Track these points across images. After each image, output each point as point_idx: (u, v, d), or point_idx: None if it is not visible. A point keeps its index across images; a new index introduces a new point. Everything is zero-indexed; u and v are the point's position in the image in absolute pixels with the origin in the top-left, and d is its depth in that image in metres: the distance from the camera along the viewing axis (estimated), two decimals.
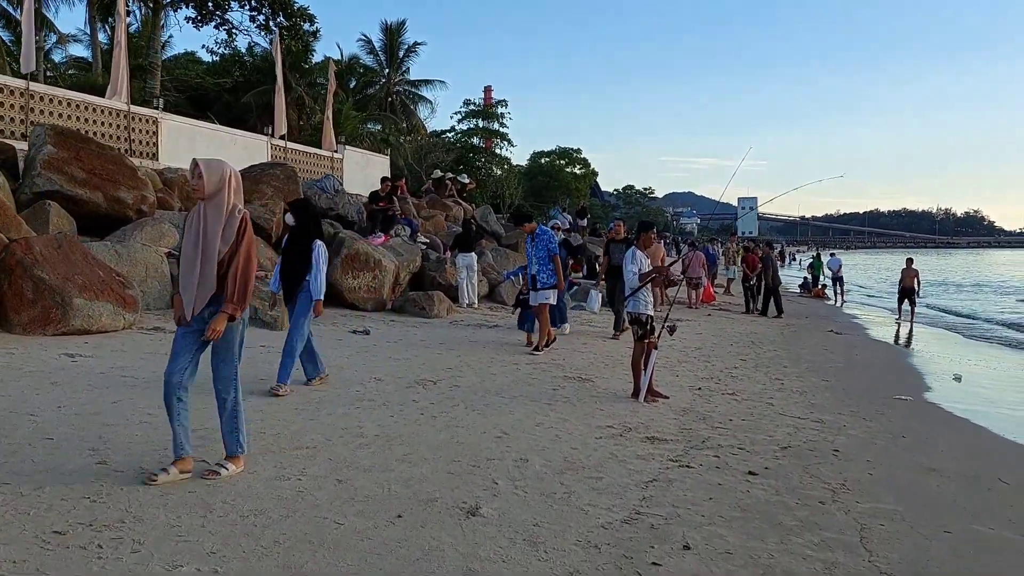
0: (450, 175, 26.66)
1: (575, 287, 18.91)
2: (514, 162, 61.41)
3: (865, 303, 28.95)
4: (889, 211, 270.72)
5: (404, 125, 46.29)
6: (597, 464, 5.67)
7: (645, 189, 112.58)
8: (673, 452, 6.16)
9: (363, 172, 26.34)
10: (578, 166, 68.69)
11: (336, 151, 24.76)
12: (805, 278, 31.15)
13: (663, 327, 8.15)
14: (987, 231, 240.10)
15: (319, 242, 7.25)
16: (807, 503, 5.23)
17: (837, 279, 27.35)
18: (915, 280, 21.28)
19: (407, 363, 8.96)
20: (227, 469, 4.81)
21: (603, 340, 12.08)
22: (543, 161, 67.78)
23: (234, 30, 29.01)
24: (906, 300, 21.27)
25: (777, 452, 6.45)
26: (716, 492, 5.27)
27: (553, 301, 10.65)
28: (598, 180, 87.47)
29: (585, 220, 33.14)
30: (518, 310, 11.89)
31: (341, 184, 17.29)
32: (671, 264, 11.52)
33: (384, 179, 17.12)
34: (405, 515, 4.39)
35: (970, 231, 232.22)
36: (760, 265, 20.12)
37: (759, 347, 13.28)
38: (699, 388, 8.97)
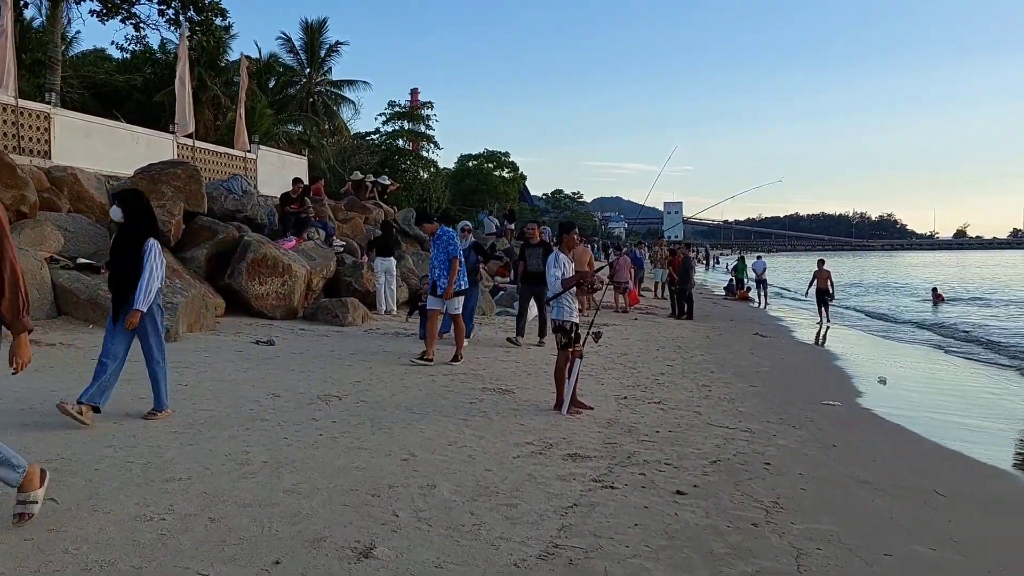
0: (371, 177, 25.84)
1: (501, 292, 18.43)
2: (441, 165, 60.83)
3: (789, 305, 29.28)
4: (808, 215, 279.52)
5: (327, 126, 45.15)
6: (513, 488, 5.13)
7: (574, 193, 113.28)
8: (596, 471, 5.67)
9: (279, 173, 25.29)
10: (506, 170, 68.49)
11: (249, 151, 23.67)
12: (730, 280, 31.39)
13: (588, 334, 7.68)
14: (900, 234, 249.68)
15: (153, 241, 6.12)
16: (739, 526, 4.79)
17: (761, 281, 27.56)
18: (828, 281, 21.38)
19: (311, 376, 8.27)
20: None
21: (527, 348, 11.57)
22: (471, 164, 67.31)
23: (142, 24, 27.57)
24: (821, 302, 21.32)
25: (706, 467, 6.03)
26: (642, 517, 4.79)
27: (458, 310, 10.08)
28: (527, 184, 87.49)
29: (513, 224, 32.71)
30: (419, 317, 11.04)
31: (250, 185, 16.39)
32: (599, 269, 11.05)
33: (296, 180, 16.28)
34: (284, 560, 3.77)
35: (884, 234, 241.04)
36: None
37: (685, 352, 12.98)
38: (625, 397, 8.53)
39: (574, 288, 7.45)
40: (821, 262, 21.98)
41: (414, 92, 68.56)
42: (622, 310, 19.48)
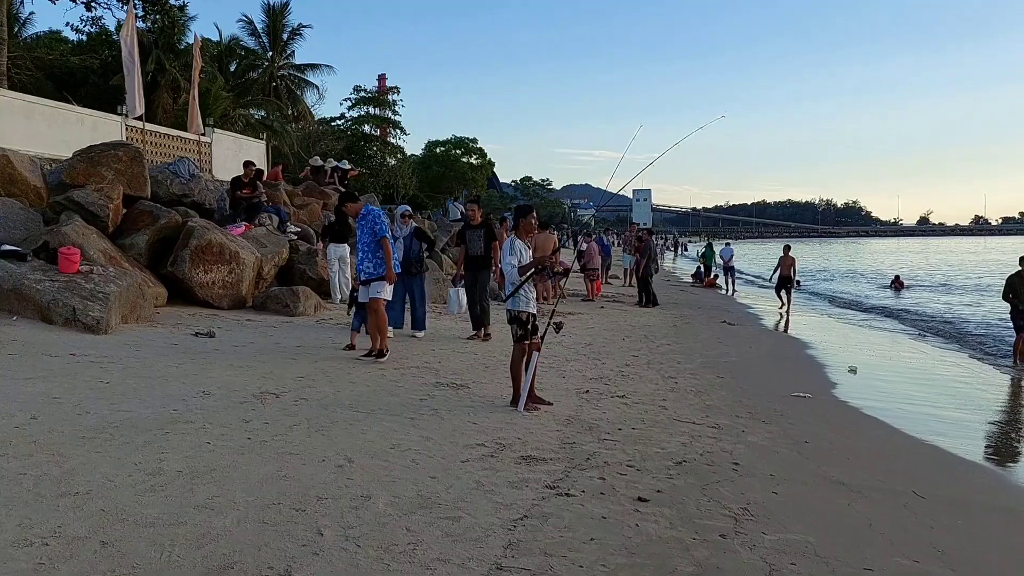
0: (331, 161, 25.07)
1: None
2: (408, 151, 60.05)
3: (758, 293, 29.08)
4: (776, 202, 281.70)
5: (290, 111, 44.10)
6: (458, 498, 4.62)
7: (543, 180, 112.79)
8: (552, 475, 5.18)
9: (236, 158, 24.38)
10: (474, 156, 67.86)
11: (203, 135, 22.79)
12: (698, 267, 31.13)
13: (548, 324, 7.17)
14: (864, 221, 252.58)
15: None
16: (706, 538, 4.34)
17: (729, 269, 27.30)
18: (792, 268, 21.00)
19: (250, 372, 7.67)
20: None
21: (483, 341, 11.05)
22: (438, 151, 66.55)
23: (94, 3, 26.47)
24: (783, 288, 20.91)
25: (671, 468, 5.57)
26: (599, 529, 4.32)
27: (387, 296, 8.96)
28: (496, 172, 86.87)
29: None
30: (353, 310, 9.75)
31: (198, 168, 15.63)
32: (555, 251, 10.48)
33: (247, 164, 15.55)
34: None
35: (849, 221, 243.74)
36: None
37: (652, 341, 12.57)
38: (587, 391, 8.06)
39: (531, 277, 6.94)
40: (787, 248, 21.65)
41: (381, 78, 67.53)
42: (592, 298, 19.01)
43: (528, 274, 6.83)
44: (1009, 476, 6.47)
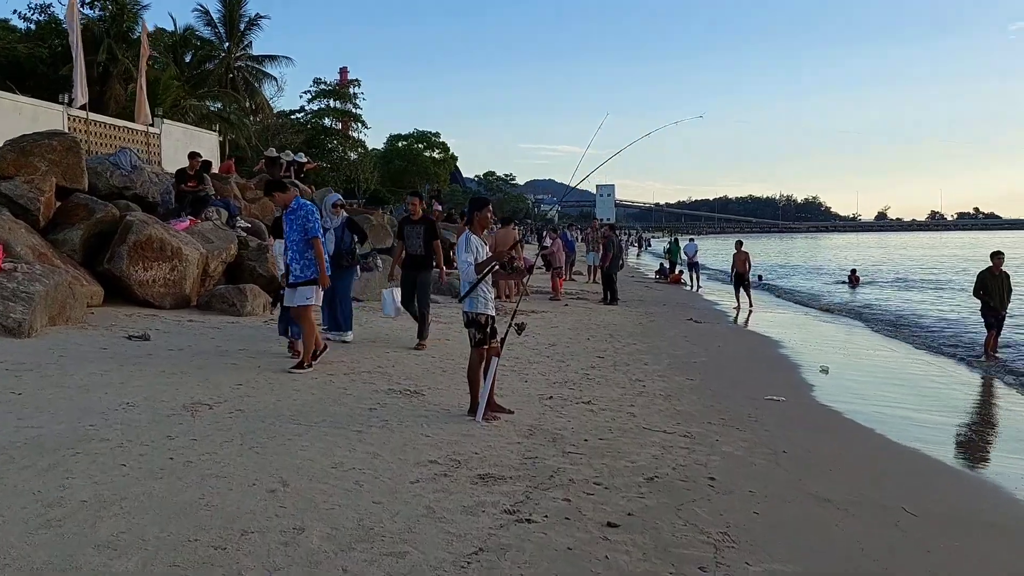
0: (288, 153, 24.24)
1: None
2: (370, 146, 59.24)
3: (724, 289, 28.89)
4: (737, 198, 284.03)
5: (247, 104, 42.99)
6: (405, 528, 4.08)
7: (506, 175, 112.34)
8: (511, 497, 4.67)
9: (186, 149, 23.24)
10: (437, 150, 67.32)
11: (151, 125, 21.86)
12: (662, 264, 30.86)
13: (509, 326, 6.65)
14: (824, 216, 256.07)
15: None
16: (684, 571, 3.86)
17: (693, 264, 27.03)
18: (746, 264, 20.39)
19: (184, 380, 7.02)
20: None
21: (444, 340, 10.48)
22: (400, 145, 65.81)
23: None
24: (741, 286, 20.24)
25: (642, 486, 5.09)
26: (564, 564, 3.82)
27: (316, 302, 8.08)
28: (459, 166, 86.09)
29: (441, 205, 31.52)
30: (277, 307, 8.96)
31: (141, 159, 14.82)
32: (513, 246, 9.93)
33: (192, 155, 14.77)
34: None
35: (809, 216, 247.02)
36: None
37: (617, 340, 12.11)
38: (550, 397, 7.55)
39: (490, 275, 6.41)
40: (739, 244, 21.06)
41: (343, 71, 66.46)
42: (558, 296, 18.48)
43: (485, 271, 6.30)
44: (1004, 487, 6.10)
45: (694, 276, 26.88)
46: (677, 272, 28.85)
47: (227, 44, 41.70)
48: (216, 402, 6.29)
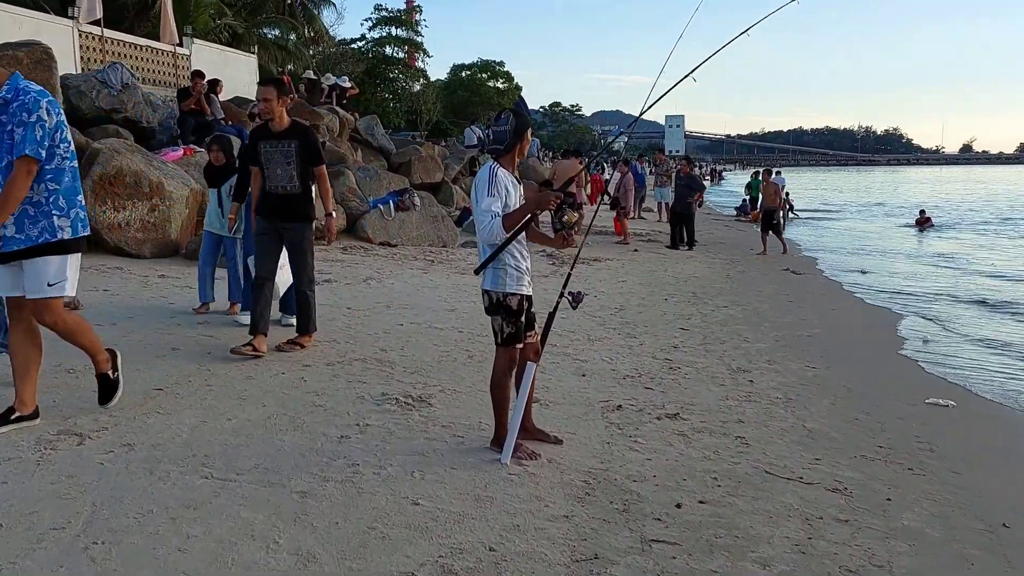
0: (330, 76, 21.95)
1: (468, 216, 14.99)
2: (432, 76, 56.74)
3: (814, 227, 25.82)
4: (813, 129, 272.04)
5: (306, 31, 40.86)
6: None
7: (572, 107, 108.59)
8: None
9: (220, 74, 21.36)
10: (501, 80, 64.50)
11: (179, 45, 19.75)
12: (744, 200, 27.78)
13: (559, 301, 4.26)
14: (905, 148, 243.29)
15: None
16: None
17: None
18: (778, 198, 16.53)
19: (78, 382, 4.84)
20: None
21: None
22: (464, 75, 63.10)
23: None
24: (770, 227, 15.95)
25: None
26: None
27: (66, 291, 4.03)
28: (524, 97, 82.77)
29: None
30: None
31: (134, 76, 12.72)
32: (567, 183, 7.55)
33: (196, 73, 12.64)
34: None
35: (889, 149, 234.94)
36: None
37: (703, 301, 9.63)
38: (619, 407, 5.18)
39: (528, 230, 4.00)
40: (767, 173, 17.66)
41: (409, 2, 63.59)
42: (627, 240, 15.91)
43: (519, 227, 3.90)
44: None
45: (780, 214, 23.83)
46: (758, 210, 25.78)
47: None
48: (98, 427, 4.09)
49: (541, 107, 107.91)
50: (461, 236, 14.52)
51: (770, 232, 15.82)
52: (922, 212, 26.03)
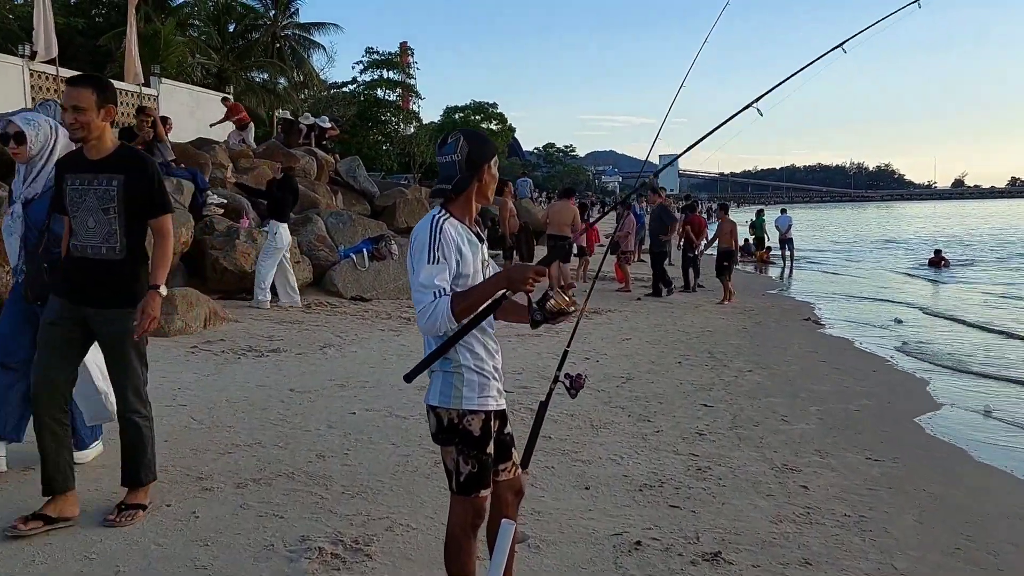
0: (308, 116, 20.73)
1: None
2: (425, 118, 56.03)
3: (819, 269, 24.51)
4: (805, 166, 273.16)
5: (295, 76, 40.14)
6: None
7: (566, 147, 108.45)
8: None
9: (192, 116, 20.31)
10: (494, 122, 63.93)
11: (145, 85, 18.58)
12: (746, 240, 26.45)
13: (552, 391, 2.84)
14: (897, 184, 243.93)
15: None
16: None
17: (786, 241, 22.69)
18: (733, 238, 14.33)
19: None
20: None
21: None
22: (457, 117, 62.47)
23: None
24: (724, 270, 13.84)
25: None
26: None
27: None
28: (519, 139, 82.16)
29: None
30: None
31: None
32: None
33: (140, 109, 11.37)
34: None
35: (882, 184, 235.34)
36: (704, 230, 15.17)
37: (723, 365, 8.20)
38: (637, 543, 3.73)
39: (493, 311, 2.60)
40: (723, 208, 15.66)
41: (403, 46, 62.93)
42: (624, 289, 14.52)
43: (483, 307, 2.51)
44: None
45: (787, 255, 22.55)
46: (765, 250, 24.52)
47: (272, 12, 38.56)
48: None
49: (536, 149, 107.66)
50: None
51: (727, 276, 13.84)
52: (937, 252, 24.67)
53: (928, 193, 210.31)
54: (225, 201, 11.47)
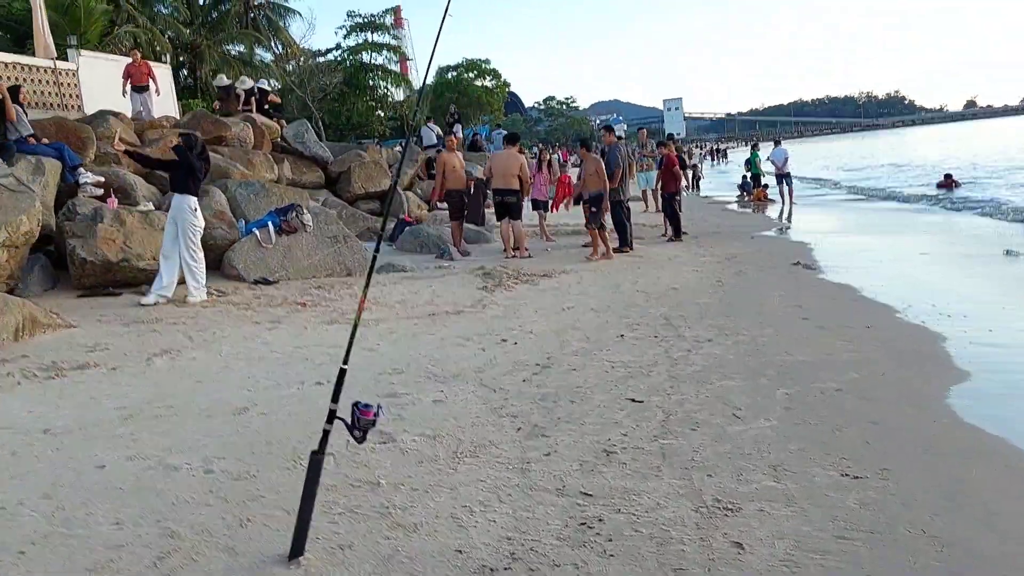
0: (245, 80, 18.88)
1: (405, 226, 12.10)
2: (417, 83, 53.82)
3: (823, 203, 22.61)
4: (813, 100, 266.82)
5: (274, 45, 38.44)
6: None
7: (567, 99, 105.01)
8: None
9: (120, 87, 18.48)
10: (488, 78, 61.24)
11: (60, 58, 16.78)
12: (743, 178, 24.53)
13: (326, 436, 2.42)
14: (908, 110, 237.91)
15: None
16: None
17: (783, 176, 20.71)
18: (599, 177, 11.06)
19: None
20: None
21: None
22: (449, 76, 59.95)
23: None
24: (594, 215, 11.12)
25: None
26: None
27: None
28: (520, 95, 79.57)
29: (459, 130, 25.91)
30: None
31: None
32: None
33: None
34: None
35: (892, 112, 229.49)
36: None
37: (678, 334, 6.50)
38: None
39: None
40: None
41: (396, 11, 60.29)
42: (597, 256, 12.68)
43: None
44: None
45: (786, 190, 20.63)
46: (762, 187, 22.58)
47: None
48: None
49: (536, 103, 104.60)
50: (389, 255, 11.53)
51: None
52: (947, 176, 22.73)
53: (940, 116, 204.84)
54: (102, 179, 9.78)
